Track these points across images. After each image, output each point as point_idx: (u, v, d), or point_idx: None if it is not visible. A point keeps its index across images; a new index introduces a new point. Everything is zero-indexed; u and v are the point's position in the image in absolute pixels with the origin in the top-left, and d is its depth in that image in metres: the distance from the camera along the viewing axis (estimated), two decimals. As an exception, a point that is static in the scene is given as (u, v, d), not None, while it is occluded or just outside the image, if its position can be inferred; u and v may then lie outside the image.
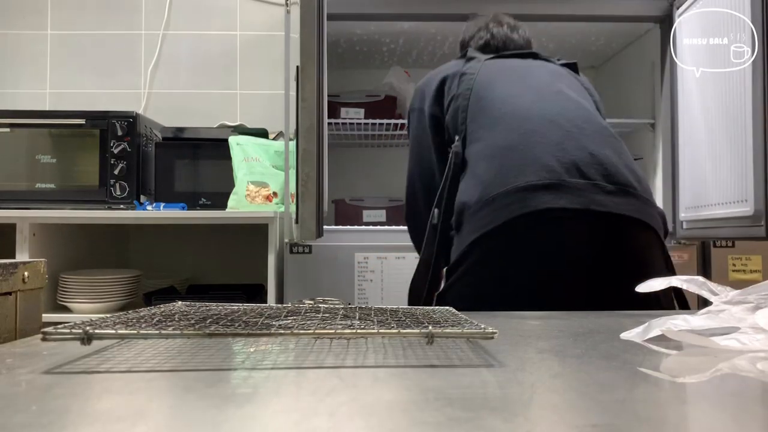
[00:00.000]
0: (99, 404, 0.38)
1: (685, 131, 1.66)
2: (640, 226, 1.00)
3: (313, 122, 1.20)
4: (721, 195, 1.44)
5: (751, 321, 0.58)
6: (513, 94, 1.11)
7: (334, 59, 2.06)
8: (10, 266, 0.89)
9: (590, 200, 0.97)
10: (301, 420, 0.34)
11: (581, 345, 0.57)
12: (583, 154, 1.01)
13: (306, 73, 1.19)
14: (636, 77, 1.99)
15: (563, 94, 1.12)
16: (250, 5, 2.25)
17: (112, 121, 1.77)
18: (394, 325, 0.56)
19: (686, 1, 1.62)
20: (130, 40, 2.25)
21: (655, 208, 1.04)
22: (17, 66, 2.24)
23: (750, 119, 1.31)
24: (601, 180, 0.99)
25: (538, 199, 0.97)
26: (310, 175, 1.20)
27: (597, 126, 1.08)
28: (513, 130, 1.05)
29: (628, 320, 0.69)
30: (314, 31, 1.21)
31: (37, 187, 1.78)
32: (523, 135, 1.04)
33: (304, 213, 1.20)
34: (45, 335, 0.47)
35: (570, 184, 0.98)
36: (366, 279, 1.65)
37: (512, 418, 0.35)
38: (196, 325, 0.53)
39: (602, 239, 0.98)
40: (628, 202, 0.99)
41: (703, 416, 0.38)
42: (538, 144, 1.02)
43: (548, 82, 1.15)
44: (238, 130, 1.92)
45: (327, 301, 0.74)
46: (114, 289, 1.71)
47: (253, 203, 1.76)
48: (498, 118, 1.08)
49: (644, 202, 1.02)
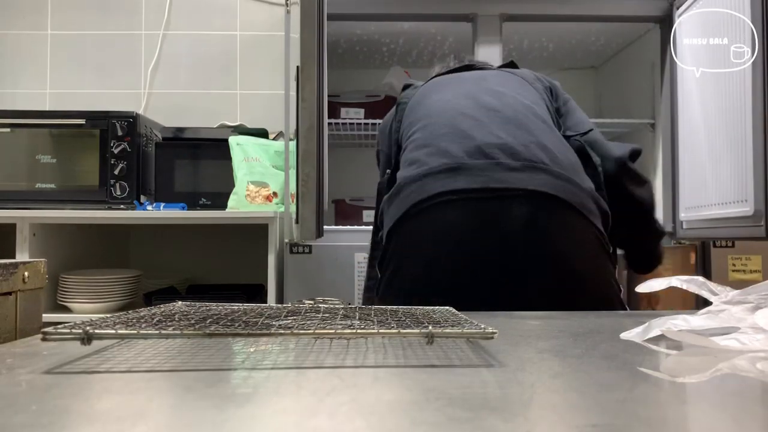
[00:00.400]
0: (99, 404, 0.38)
1: (685, 131, 1.67)
2: (554, 203, 0.93)
3: (313, 122, 1.20)
4: (721, 195, 1.44)
5: (751, 321, 0.58)
6: (436, 100, 1.10)
7: (334, 59, 2.06)
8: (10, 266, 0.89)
9: (489, 178, 0.93)
10: (301, 420, 0.34)
11: (581, 345, 0.57)
12: (489, 138, 0.97)
13: (306, 73, 1.19)
14: (636, 77, 1.99)
15: (485, 89, 1.09)
16: (250, 5, 2.26)
17: (112, 121, 1.77)
18: (394, 325, 0.56)
19: (686, 1, 1.62)
20: (130, 40, 2.25)
21: (577, 185, 0.96)
22: (17, 66, 2.24)
23: (750, 119, 1.31)
24: (505, 158, 0.95)
25: (433, 184, 0.95)
26: (310, 175, 1.20)
27: (515, 110, 1.03)
28: (427, 128, 1.05)
29: (628, 320, 0.69)
30: (314, 31, 1.21)
31: (37, 187, 1.78)
32: (433, 131, 1.03)
33: (305, 213, 1.20)
34: (45, 335, 0.47)
35: (469, 166, 0.95)
36: (366, 279, 1.65)
37: (512, 418, 0.35)
38: (196, 325, 0.53)
39: (509, 217, 0.92)
40: (534, 177, 0.93)
41: (703, 416, 0.38)
42: (445, 135, 1.01)
43: (474, 83, 1.13)
44: (238, 130, 1.92)
45: (327, 301, 0.74)
46: (114, 289, 1.71)
47: (253, 203, 1.76)
48: (420, 125, 1.07)
49: (557, 176, 0.95)
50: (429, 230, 0.96)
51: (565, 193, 0.93)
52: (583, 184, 0.98)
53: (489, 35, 1.78)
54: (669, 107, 1.76)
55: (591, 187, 0.99)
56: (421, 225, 0.96)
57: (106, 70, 2.24)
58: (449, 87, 1.14)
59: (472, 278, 0.92)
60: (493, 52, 1.77)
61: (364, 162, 2.32)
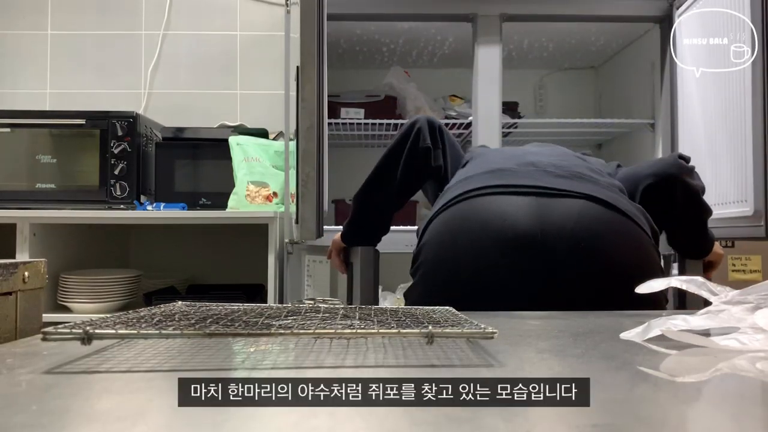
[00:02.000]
0: (99, 404, 0.38)
1: (685, 131, 1.67)
2: (604, 204, 0.93)
3: (313, 122, 1.20)
4: (721, 195, 1.44)
5: (750, 321, 0.58)
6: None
7: (334, 59, 2.06)
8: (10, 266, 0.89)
9: (538, 180, 0.96)
10: (301, 420, 0.34)
11: (581, 345, 0.57)
12: (539, 158, 1.02)
13: (306, 74, 1.19)
14: (636, 77, 1.99)
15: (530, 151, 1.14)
16: (250, 5, 2.25)
17: (113, 121, 1.77)
18: (394, 324, 0.56)
19: (686, 1, 1.62)
20: (130, 40, 2.25)
21: (626, 199, 0.98)
22: (17, 66, 2.24)
23: (750, 119, 1.31)
24: (554, 169, 0.98)
25: (479, 178, 0.99)
26: (310, 175, 1.20)
27: (569, 156, 1.09)
28: (479, 157, 1.12)
29: (628, 320, 0.69)
30: (314, 32, 1.21)
31: (38, 187, 1.77)
32: (485, 159, 1.09)
33: (305, 213, 1.20)
34: (45, 335, 0.47)
35: (517, 170, 0.99)
36: (366, 279, 1.65)
37: (512, 418, 0.35)
38: (196, 325, 0.53)
39: (551, 217, 0.91)
40: (583, 185, 0.95)
41: (703, 416, 0.38)
42: (495, 160, 1.07)
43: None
44: (238, 130, 1.92)
45: (327, 301, 0.74)
46: (114, 289, 1.71)
47: (253, 203, 1.76)
48: (472, 158, 1.14)
49: (606, 187, 0.97)
50: (474, 215, 0.95)
51: (615, 200, 0.94)
52: (631, 204, 0.99)
53: (489, 35, 1.78)
54: (669, 107, 1.76)
55: (639, 207, 1.00)
56: (466, 208, 0.96)
57: (106, 70, 2.24)
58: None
59: (512, 267, 0.91)
60: (493, 52, 1.77)
61: (364, 162, 2.31)
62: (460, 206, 0.97)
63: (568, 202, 0.92)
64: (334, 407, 0.36)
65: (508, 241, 0.91)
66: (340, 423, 0.33)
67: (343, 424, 0.33)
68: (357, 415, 0.35)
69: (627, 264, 0.92)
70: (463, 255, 0.94)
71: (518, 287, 0.90)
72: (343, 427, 0.33)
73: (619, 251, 0.93)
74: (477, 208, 0.96)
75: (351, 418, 0.34)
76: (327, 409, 0.36)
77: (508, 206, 0.93)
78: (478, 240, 0.93)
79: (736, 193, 1.37)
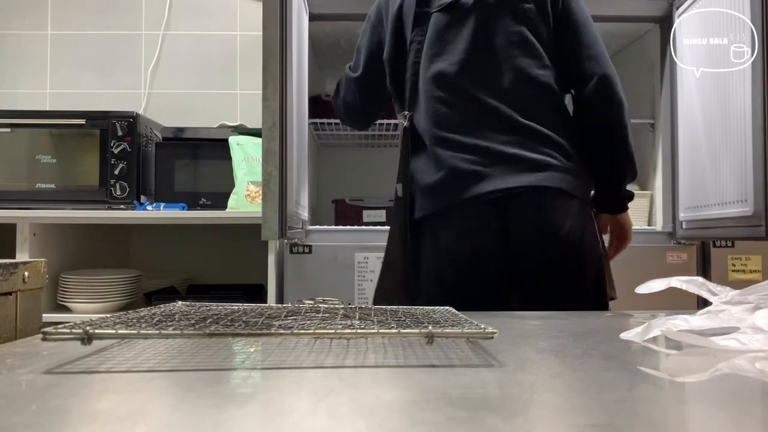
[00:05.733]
0: (99, 404, 0.38)
1: (685, 131, 1.66)
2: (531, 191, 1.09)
3: (275, 121, 1.18)
4: (721, 195, 1.44)
5: (750, 321, 0.58)
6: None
7: (335, 59, 2.06)
8: (10, 266, 0.89)
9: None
10: (301, 420, 0.34)
11: (581, 345, 0.57)
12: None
13: (268, 71, 1.17)
14: (636, 77, 1.99)
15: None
16: (250, 5, 2.25)
17: (113, 121, 1.77)
18: (394, 325, 0.56)
19: (686, 1, 1.62)
20: (130, 40, 2.25)
21: (554, 168, 1.10)
22: (17, 66, 2.24)
23: (750, 119, 1.31)
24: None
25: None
26: (272, 175, 1.18)
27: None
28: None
29: (628, 320, 0.69)
30: (277, 28, 1.19)
31: (38, 187, 1.78)
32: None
33: (267, 213, 1.18)
34: (45, 335, 0.47)
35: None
36: (366, 279, 1.65)
37: (512, 418, 0.35)
38: (196, 325, 0.53)
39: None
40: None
41: (703, 416, 0.38)
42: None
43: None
44: (238, 130, 1.92)
45: (327, 301, 0.74)
46: (114, 289, 1.71)
47: (253, 203, 1.76)
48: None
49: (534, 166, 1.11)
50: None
51: (539, 180, 1.07)
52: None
53: (489, 35, 1.77)
54: (669, 107, 1.76)
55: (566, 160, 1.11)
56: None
57: (106, 70, 2.24)
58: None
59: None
60: (493, 52, 1.77)
61: (364, 162, 2.32)
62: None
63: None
64: (334, 407, 0.36)
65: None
66: (341, 423, 0.33)
67: (344, 424, 0.33)
68: (357, 415, 0.35)
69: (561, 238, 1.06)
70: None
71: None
72: (343, 427, 0.33)
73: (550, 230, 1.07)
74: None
75: (351, 418, 0.34)
76: (327, 409, 0.36)
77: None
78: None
79: (736, 193, 1.37)
